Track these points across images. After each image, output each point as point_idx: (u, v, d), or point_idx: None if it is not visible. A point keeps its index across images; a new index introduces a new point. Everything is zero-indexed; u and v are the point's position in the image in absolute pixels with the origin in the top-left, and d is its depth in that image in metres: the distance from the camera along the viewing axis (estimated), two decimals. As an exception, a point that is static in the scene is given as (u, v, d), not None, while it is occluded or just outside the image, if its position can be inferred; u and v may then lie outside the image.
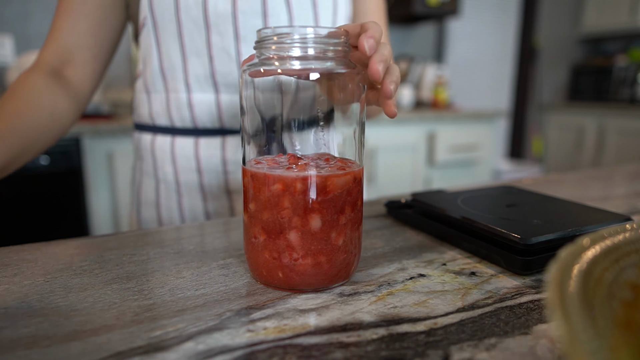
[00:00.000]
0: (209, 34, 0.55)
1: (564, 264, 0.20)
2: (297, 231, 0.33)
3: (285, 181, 0.32)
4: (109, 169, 1.48)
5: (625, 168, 0.91)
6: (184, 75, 0.57)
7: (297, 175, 0.32)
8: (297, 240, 0.33)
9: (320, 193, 0.32)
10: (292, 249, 0.33)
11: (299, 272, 0.33)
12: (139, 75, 0.62)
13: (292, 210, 0.33)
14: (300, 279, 0.34)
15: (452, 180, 2.18)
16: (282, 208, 0.33)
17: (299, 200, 0.32)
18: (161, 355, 0.25)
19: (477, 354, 0.26)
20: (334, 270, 0.34)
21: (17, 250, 0.41)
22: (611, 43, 3.47)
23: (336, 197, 0.33)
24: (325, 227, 0.33)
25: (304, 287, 0.34)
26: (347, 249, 0.35)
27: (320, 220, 0.33)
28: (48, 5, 1.75)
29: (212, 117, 0.59)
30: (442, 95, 2.33)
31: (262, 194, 0.33)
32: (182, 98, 0.58)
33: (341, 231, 0.34)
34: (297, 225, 0.33)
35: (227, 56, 0.56)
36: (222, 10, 0.54)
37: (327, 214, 0.33)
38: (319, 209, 0.33)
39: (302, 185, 0.32)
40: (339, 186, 0.33)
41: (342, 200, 0.34)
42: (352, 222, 0.35)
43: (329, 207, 0.33)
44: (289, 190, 0.32)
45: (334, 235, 0.34)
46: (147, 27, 0.57)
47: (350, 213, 0.34)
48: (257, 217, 0.34)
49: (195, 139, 0.60)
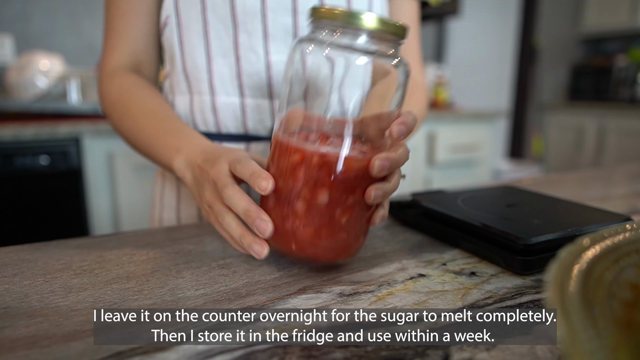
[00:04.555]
0: (236, 32, 0.53)
1: (564, 264, 0.20)
2: (304, 202, 0.34)
3: (303, 153, 0.34)
4: (109, 169, 1.48)
5: (625, 168, 0.91)
6: (208, 76, 0.55)
7: (315, 150, 0.34)
8: (302, 210, 0.35)
9: (332, 171, 0.34)
10: (296, 217, 0.35)
11: (299, 240, 0.35)
12: (167, 76, 0.61)
13: (303, 182, 0.34)
14: (298, 246, 0.35)
15: (452, 180, 2.18)
16: (295, 178, 0.34)
17: (312, 174, 0.34)
18: (161, 355, 0.25)
19: (477, 354, 0.26)
20: (332, 246, 0.36)
21: (17, 250, 0.41)
22: (611, 43, 3.47)
23: (349, 179, 0.34)
24: (331, 204, 0.34)
25: (301, 255, 0.36)
26: (350, 230, 0.36)
27: (327, 197, 0.34)
28: (48, 5, 1.75)
29: (236, 121, 0.56)
30: (442, 95, 2.33)
31: (282, 161, 0.35)
32: (206, 101, 0.56)
33: (347, 211, 0.35)
34: (305, 197, 0.34)
35: (254, 56, 0.53)
36: (251, 8, 0.52)
37: (336, 192, 0.34)
38: (329, 186, 0.34)
39: (317, 160, 0.34)
40: (354, 169, 0.34)
41: (355, 183, 0.35)
42: (360, 206, 0.36)
43: (339, 187, 0.34)
44: (305, 162, 0.34)
45: (339, 212, 0.35)
46: (170, 26, 0.55)
47: (361, 196, 0.35)
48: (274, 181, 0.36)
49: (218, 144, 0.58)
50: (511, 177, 2.75)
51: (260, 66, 0.54)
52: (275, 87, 0.55)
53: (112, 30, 0.57)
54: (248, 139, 0.57)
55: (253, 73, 0.54)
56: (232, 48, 0.53)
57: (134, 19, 0.56)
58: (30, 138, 1.34)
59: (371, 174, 0.34)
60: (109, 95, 0.56)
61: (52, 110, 1.49)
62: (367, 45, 0.34)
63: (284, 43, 0.53)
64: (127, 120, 0.54)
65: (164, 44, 0.58)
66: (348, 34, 0.33)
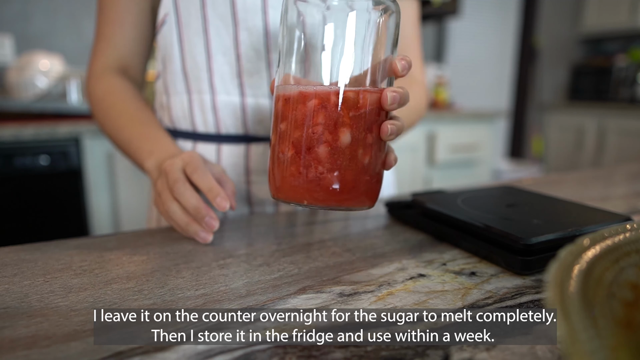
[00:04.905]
0: (236, 30, 0.52)
1: (564, 264, 0.20)
2: (326, 145, 0.34)
3: (320, 96, 0.34)
4: (109, 169, 1.48)
5: (625, 168, 0.91)
6: (209, 75, 0.55)
7: (332, 89, 0.34)
8: (326, 154, 0.34)
9: (351, 107, 0.34)
10: (319, 163, 0.35)
11: (324, 186, 0.35)
12: (158, 76, 0.61)
13: (324, 126, 0.34)
14: (324, 193, 0.35)
15: (452, 180, 2.18)
16: (315, 123, 0.34)
17: (332, 114, 0.34)
18: (161, 355, 0.25)
19: (477, 354, 0.26)
20: (357, 189, 0.36)
21: (17, 250, 0.41)
22: (611, 43, 3.47)
23: (366, 114, 0.35)
24: (353, 144, 0.35)
25: (325, 202, 0.36)
26: (371, 172, 0.36)
27: (350, 136, 0.34)
28: (48, 5, 1.75)
29: (236, 121, 0.56)
30: (442, 95, 2.33)
31: (297, 111, 0.35)
32: (206, 100, 0.56)
33: (367, 150, 0.36)
34: (327, 140, 0.34)
35: (255, 54, 0.53)
36: (251, 5, 0.51)
37: (356, 130, 0.34)
38: (350, 125, 0.34)
39: (335, 99, 0.34)
40: (370, 102, 0.35)
41: (372, 119, 0.35)
42: (377, 146, 0.36)
43: (359, 124, 0.34)
44: (323, 105, 0.34)
45: (361, 152, 0.35)
46: (169, 24, 0.55)
47: (377, 134, 0.36)
48: (287, 135, 0.36)
49: (218, 145, 0.57)
50: (511, 177, 2.75)
51: (261, 64, 0.54)
52: None
53: (101, 35, 0.59)
54: (248, 139, 0.57)
55: (254, 71, 0.54)
56: (233, 46, 0.53)
57: (121, 26, 0.58)
58: (30, 138, 1.34)
59: (384, 107, 0.35)
60: (95, 97, 0.58)
61: (52, 110, 1.49)
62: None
63: None
64: (109, 121, 0.56)
65: (159, 42, 0.58)
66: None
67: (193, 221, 0.43)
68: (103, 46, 0.59)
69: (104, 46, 0.59)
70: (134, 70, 0.61)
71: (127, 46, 0.59)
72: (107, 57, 0.59)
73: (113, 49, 0.59)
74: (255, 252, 0.42)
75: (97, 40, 0.59)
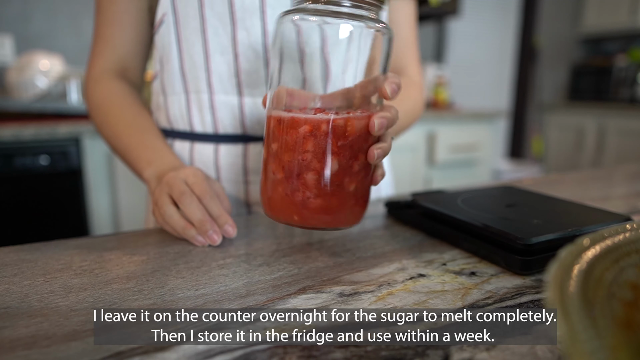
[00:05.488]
0: (234, 30, 0.52)
1: (564, 264, 0.20)
2: (314, 173, 0.35)
3: (310, 123, 0.35)
4: (109, 169, 1.48)
5: (625, 168, 0.91)
6: (207, 74, 0.55)
7: (322, 117, 0.35)
8: (313, 181, 0.35)
9: (340, 136, 0.35)
10: (306, 188, 0.36)
11: (311, 210, 0.36)
12: (156, 77, 0.61)
13: (312, 154, 0.35)
14: (311, 216, 0.36)
15: (452, 180, 2.18)
16: (304, 150, 0.35)
17: (321, 142, 0.35)
18: (161, 355, 0.25)
19: (477, 354, 0.26)
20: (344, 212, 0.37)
21: (17, 250, 0.41)
22: (611, 43, 3.47)
23: (354, 142, 0.35)
24: (341, 171, 0.36)
25: (312, 224, 0.37)
26: (358, 195, 0.38)
27: (337, 164, 0.35)
28: (48, 5, 1.75)
29: (234, 121, 0.56)
30: (442, 95, 2.33)
31: (288, 136, 0.35)
32: (204, 99, 0.56)
33: (354, 177, 0.37)
34: (315, 168, 0.35)
35: (253, 53, 0.53)
36: (249, 5, 0.52)
37: (343, 158, 0.35)
38: (337, 153, 0.35)
39: (325, 127, 0.34)
40: (358, 129, 0.35)
41: (359, 145, 0.36)
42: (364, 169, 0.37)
43: (346, 152, 0.35)
44: (313, 133, 0.35)
45: (347, 180, 0.36)
46: (167, 24, 0.55)
47: (365, 159, 0.37)
48: (278, 157, 0.36)
49: (216, 145, 0.57)
50: (511, 177, 2.75)
51: (259, 64, 0.54)
52: None
53: (100, 37, 0.59)
54: (246, 139, 0.57)
55: (252, 71, 0.54)
56: (231, 45, 0.53)
57: (120, 28, 0.58)
58: (30, 138, 1.34)
59: (371, 133, 0.36)
60: (93, 100, 0.58)
61: (52, 110, 1.49)
62: (351, 10, 0.35)
63: None
64: (107, 127, 0.57)
65: (157, 42, 0.58)
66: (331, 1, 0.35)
67: (189, 225, 0.43)
68: (101, 48, 0.59)
69: (103, 48, 0.59)
70: (132, 72, 0.61)
71: (126, 47, 0.59)
72: (106, 59, 0.59)
73: (111, 50, 0.59)
74: (255, 252, 0.42)
75: (96, 41, 0.59)
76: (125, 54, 0.59)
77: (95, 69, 0.59)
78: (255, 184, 0.58)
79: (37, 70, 1.51)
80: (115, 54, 0.59)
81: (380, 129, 0.36)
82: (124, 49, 0.59)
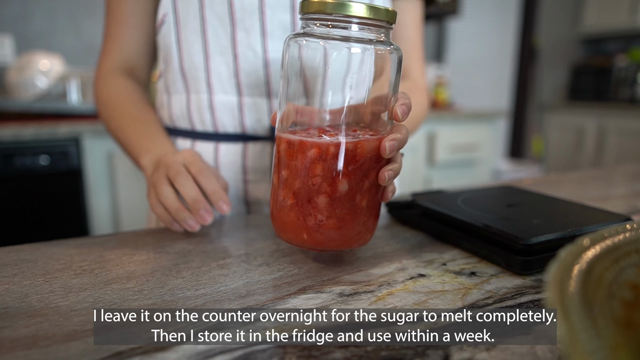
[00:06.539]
0: (234, 30, 0.53)
1: (564, 264, 0.20)
2: (325, 196, 0.35)
3: (319, 147, 0.34)
4: (109, 169, 1.48)
5: (625, 168, 0.91)
6: (206, 74, 0.55)
7: (330, 141, 0.34)
8: (324, 204, 0.35)
9: (349, 158, 0.35)
10: (318, 212, 0.35)
11: (323, 232, 0.36)
12: (160, 76, 0.62)
13: (322, 177, 0.35)
14: (323, 239, 0.36)
15: (452, 180, 2.18)
16: (314, 174, 0.35)
17: (331, 165, 0.35)
18: (161, 355, 0.25)
19: (477, 354, 0.26)
20: (356, 230, 0.37)
21: (17, 250, 0.41)
22: (611, 43, 3.47)
23: (364, 163, 0.35)
24: (351, 192, 0.36)
25: (325, 246, 0.37)
26: (369, 213, 0.38)
27: (347, 185, 0.35)
28: (48, 5, 1.75)
29: (234, 120, 0.56)
30: (442, 95, 2.33)
31: (297, 161, 0.35)
32: (203, 99, 0.56)
33: (365, 195, 0.36)
34: (326, 191, 0.35)
35: (252, 54, 0.53)
36: (249, 5, 0.52)
37: (354, 179, 0.35)
38: (348, 175, 0.35)
39: (334, 150, 0.34)
40: (369, 151, 0.35)
41: (370, 166, 0.36)
42: (375, 188, 0.37)
43: (356, 173, 0.35)
44: (322, 156, 0.34)
45: (359, 199, 0.36)
46: (167, 24, 0.56)
47: (375, 179, 0.37)
48: (288, 184, 0.36)
49: (215, 144, 0.58)
50: (511, 177, 2.75)
51: (258, 64, 0.54)
52: (273, 85, 0.55)
53: (109, 36, 0.60)
54: (245, 138, 0.57)
55: (251, 71, 0.54)
56: (230, 46, 0.54)
57: (127, 28, 0.59)
58: (30, 138, 1.34)
59: (382, 155, 0.36)
60: (101, 96, 0.60)
61: (52, 110, 1.49)
62: (358, 33, 0.34)
63: (282, 40, 0.54)
64: (112, 121, 0.58)
65: (159, 42, 0.59)
66: (339, 24, 0.34)
67: (182, 207, 0.44)
68: (110, 47, 0.60)
69: (111, 47, 0.60)
70: (139, 71, 0.62)
71: (132, 47, 0.60)
72: (114, 58, 0.60)
73: (119, 49, 0.60)
74: (255, 252, 0.42)
75: (105, 40, 0.61)
76: (132, 53, 0.61)
77: (103, 67, 0.61)
78: (254, 182, 0.58)
79: (37, 70, 1.51)
80: (122, 53, 0.60)
81: (391, 152, 0.35)
82: (130, 49, 0.60)
